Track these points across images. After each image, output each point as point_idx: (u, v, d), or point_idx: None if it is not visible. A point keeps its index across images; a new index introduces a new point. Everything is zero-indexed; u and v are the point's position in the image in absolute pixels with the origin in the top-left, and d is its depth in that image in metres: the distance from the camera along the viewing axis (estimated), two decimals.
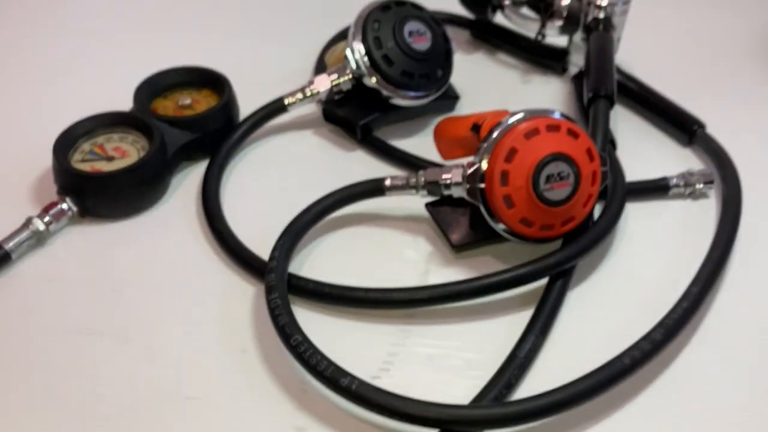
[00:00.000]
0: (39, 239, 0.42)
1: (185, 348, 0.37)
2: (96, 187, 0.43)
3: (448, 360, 0.37)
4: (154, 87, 0.49)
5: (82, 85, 0.57)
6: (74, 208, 0.43)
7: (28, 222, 0.42)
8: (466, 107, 0.53)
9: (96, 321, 0.38)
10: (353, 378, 0.32)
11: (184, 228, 0.44)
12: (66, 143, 0.44)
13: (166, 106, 0.49)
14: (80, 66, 0.59)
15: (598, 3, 0.51)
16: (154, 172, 0.44)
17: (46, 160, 0.44)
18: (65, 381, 0.36)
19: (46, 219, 0.42)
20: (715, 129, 0.49)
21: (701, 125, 0.49)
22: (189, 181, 0.47)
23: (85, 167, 0.44)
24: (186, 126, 0.47)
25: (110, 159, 0.45)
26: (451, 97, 0.52)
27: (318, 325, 0.37)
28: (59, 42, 0.62)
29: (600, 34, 0.51)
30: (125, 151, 0.45)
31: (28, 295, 0.40)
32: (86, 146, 0.45)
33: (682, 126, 0.50)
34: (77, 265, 0.42)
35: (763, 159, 0.49)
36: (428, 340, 0.38)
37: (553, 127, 0.37)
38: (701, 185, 0.45)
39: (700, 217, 0.44)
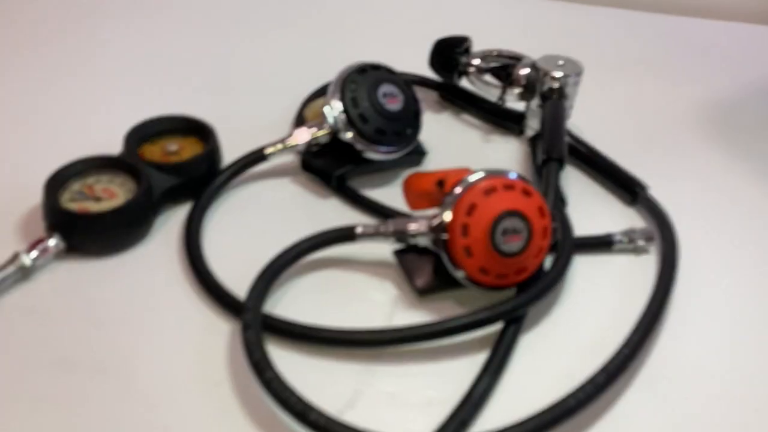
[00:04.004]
0: (24, 274, 0.43)
1: (162, 381, 0.38)
2: (83, 226, 0.44)
3: (410, 397, 0.39)
4: (143, 133, 0.51)
5: (74, 127, 0.58)
6: (61, 245, 0.44)
7: (15, 257, 0.43)
8: (432, 162, 0.56)
9: (75, 354, 0.39)
10: (321, 413, 0.34)
11: (165, 267, 0.45)
12: (57, 182, 0.46)
13: (153, 151, 0.51)
14: (73, 109, 0.60)
15: (552, 74, 0.55)
16: (140, 213, 0.46)
17: (36, 197, 0.45)
18: (42, 412, 0.36)
19: (33, 254, 0.43)
20: (656, 191, 0.52)
21: (643, 187, 0.53)
22: (172, 222, 0.49)
23: (74, 206, 0.45)
24: (172, 171, 0.49)
25: (98, 199, 0.46)
26: (419, 153, 0.56)
27: (289, 362, 0.39)
28: (55, 85, 0.64)
29: (554, 102, 0.54)
30: (113, 192, 0.47)
31: (11, 326, 0.41)
32: (76, 186, 0.47)
33: (626, 187, 0.53)
34: (60, 299, 0.43)
35: (699, 219, 0.52)
36: (392, 378, 0.39)
37: (509, 186, 0.41)
38: (642, 242, 0.47)
39: (641, 271, 0.47)
